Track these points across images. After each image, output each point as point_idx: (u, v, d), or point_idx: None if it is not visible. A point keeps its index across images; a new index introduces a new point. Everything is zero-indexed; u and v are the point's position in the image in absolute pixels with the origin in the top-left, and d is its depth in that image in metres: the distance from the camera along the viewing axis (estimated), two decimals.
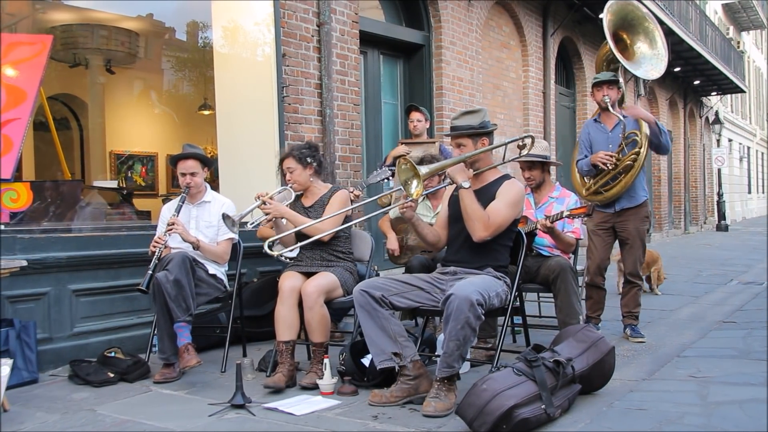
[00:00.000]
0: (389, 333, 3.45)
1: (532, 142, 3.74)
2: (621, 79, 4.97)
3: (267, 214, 4.01)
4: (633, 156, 4.73)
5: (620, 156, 4.75)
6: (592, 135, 4.98)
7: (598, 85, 4.90)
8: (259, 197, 4.01)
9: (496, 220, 3.53)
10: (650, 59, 5.23)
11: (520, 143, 3.72)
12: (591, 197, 4.91)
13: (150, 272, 3.93)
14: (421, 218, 3.80)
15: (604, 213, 4.91)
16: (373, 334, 3.46)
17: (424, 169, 3.43)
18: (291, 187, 4.17)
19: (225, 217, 4.00)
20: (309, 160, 4.15)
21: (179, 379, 4.00)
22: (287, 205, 4.13)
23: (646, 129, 4.74)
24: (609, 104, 4.80)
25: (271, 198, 4.01)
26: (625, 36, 5.30)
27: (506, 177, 3.73)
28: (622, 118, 4.75)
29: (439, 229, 3.83)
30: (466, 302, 3.19)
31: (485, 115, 3.72)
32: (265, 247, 3.77)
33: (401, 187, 3.50)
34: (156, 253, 4.03)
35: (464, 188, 3.52)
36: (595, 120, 5.03)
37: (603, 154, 4.77)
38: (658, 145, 4.78)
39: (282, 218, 4.06)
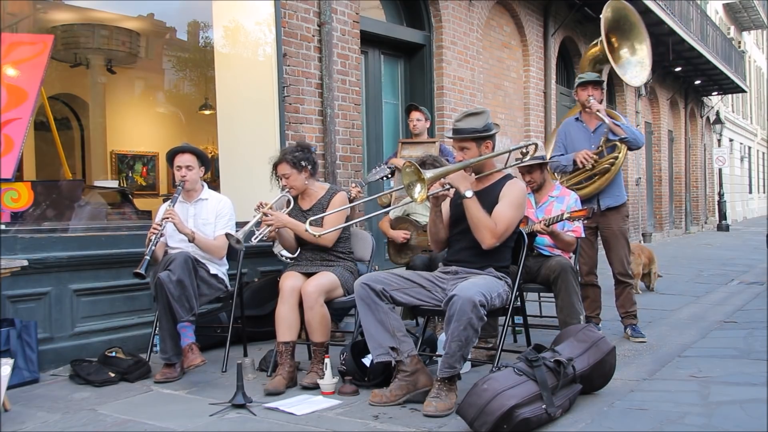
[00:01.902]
0: (388, 327, 3.44)
1: (536, 149, 3.68)
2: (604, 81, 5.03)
3: (269, 225, 3.98)
4: (611, 160, 4.79)
5: (598, 158, 4.82)
6: (572, 134, 5.02)
7: (583, 85, 4.97)
8: (258, 208, 3.98)
9: (503, 225, 3.51)
10: (634, 66, 5.29)
11: (524, 150, 3.66)
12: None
13: (147, 257, 3.91)
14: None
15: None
16: (372, 327, 3.45)
17: (428, 173, 3.37)
18: (288, 192, 4.14)
19: (229, 236, 3.99)
20: (304, 163, 4.11)
21: (180, 378, 4.00)
22: (287, 212, 4.11)
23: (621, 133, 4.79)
24: (591, 103, 4.85)
25: (270, 207, 3.99)
26: (614, 39, 5.36)
27: (508, 177, 3.71)
28: (607, 121, 4.79)
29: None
30: (469, 303, 3.18)
31: (489, 117, 3.66)
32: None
33: (402, 187, 3.47)
34: (153, 240, 4.01)
35: (467, 198, 3.48)
36: (576, 119, 5.05)
37: (585, 153, 4.82)
38: (630, 144, 4.82)
39: (285, 227, 4.05)
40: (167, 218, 4.07)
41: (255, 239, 4.07)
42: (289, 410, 3.35)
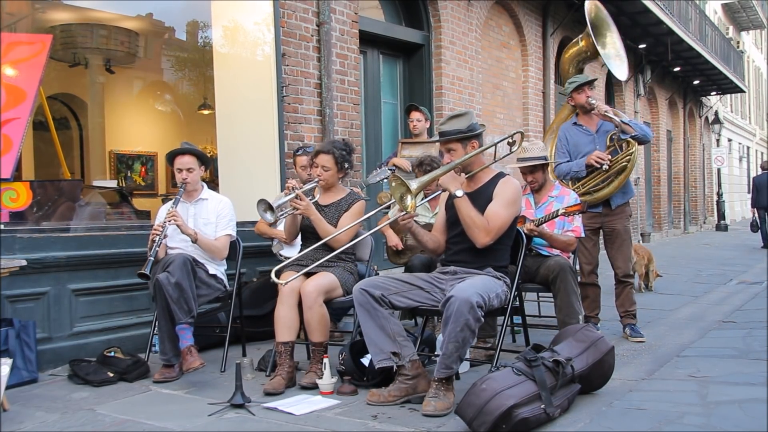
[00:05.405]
0: (388, 332, 3.44)
1: (522, 138, 3.71)
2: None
3: (296, 209, 3.93)
4: (627, 157, 4.76)
5: (612, 158, 4.79)
6: (574, 139, 4.98)
7: (579, 88, 4.94)
8: (292, 189, 3.93)
9: (496, 223, 3.53)
10: (614, 59, 5.36)
11: (510, 140, 3.69)
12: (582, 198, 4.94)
13: (151, 258, 3.91)
14: (419, 225, 3.77)
15: (591, 212, 4.90)
16: (373, 333, 3.46)
17: (414, 184, 3.41)
18: (318, 183, 4.09)
19: (260, 201, 3.87)
20: (346, 165, 4.10)
21: (179, 378, 4.00)
22: (312, 201, 4.05)
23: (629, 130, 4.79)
24: (596, 105, 4.84)
25: (303, 193, 3.94)
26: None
27: (501, 175, 3.72)
28: (617, 120, 4.78)
29: (438, 234, 3.82)
30: (466, 304, 3.18)
31: (472, 118, 3.69)
32: (273, 277, 3.74)
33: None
34: (156, 241, 4.00)
35: (458, 197, 3.51)
36: (574, 123, 5.04)
37: (598, 154, 4.77)
38: (640, 140, 4.83)
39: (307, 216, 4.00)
40: (170, 219, 4.05)
41: (281, 215, 3.99)
42: (288, 410, 3.35)
